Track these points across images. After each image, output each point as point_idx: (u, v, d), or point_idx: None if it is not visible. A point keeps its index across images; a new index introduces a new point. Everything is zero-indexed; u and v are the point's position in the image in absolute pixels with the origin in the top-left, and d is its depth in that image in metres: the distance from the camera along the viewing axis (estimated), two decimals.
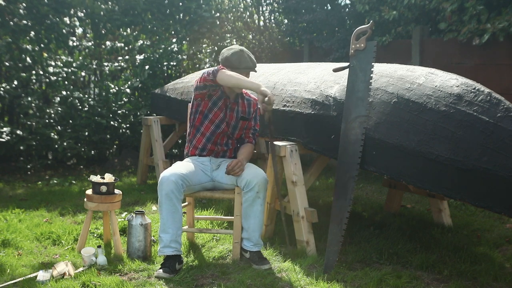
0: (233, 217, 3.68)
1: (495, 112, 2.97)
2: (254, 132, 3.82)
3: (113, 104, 7.29)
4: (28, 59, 6.83)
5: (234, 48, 3.67)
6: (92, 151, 7.28)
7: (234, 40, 7.98)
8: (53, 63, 7.07)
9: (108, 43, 7.62)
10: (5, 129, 6.60)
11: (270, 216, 4.08)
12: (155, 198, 5.29)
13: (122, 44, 7.60)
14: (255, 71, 3.74)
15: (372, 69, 3.45)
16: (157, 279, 3.28)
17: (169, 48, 7.34)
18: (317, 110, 3.73)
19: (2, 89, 6.65)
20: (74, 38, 7.52)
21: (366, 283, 3.18)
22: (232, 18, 8.34)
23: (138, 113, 7.30)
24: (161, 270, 3.33)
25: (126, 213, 4.72)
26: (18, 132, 6.67)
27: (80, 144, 7.16)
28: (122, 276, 3.33)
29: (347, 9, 7.61)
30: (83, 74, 7.49)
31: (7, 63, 6.72)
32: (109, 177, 3.83)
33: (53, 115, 7.05)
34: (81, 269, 3.39)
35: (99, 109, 7.19)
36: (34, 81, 6.98)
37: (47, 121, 6.96)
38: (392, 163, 3.24)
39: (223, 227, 4.33)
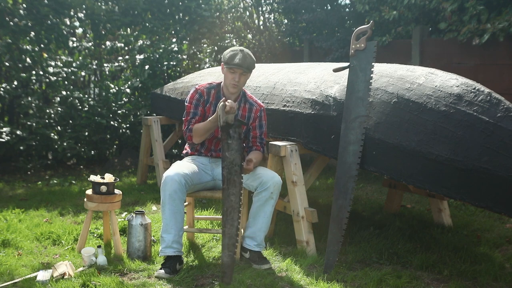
0: None
1: (495, 112, 2.97)
2: (261, 141, 3.73)
3: (113, 104, 7.29)
4: (28, 59, 6.83)
5: (236, 48, 3.65)
6: (92, 151, 7.28)
7: (234, 40, 7.99)
8: (53, 63, 7.07)
9: (108, 43, 7.62)
10: (5, 129, 6.60)
11: None
12: (155, 198, 5.29)
13: (122, 44, 7.60)
14: (247, 72, 3.58)
15: (372, 69, 3.45)
16: (157, 279, 3.28)
17: (169, 48, 7.34)
18: (317, 110, 3.73)
19: (2, 89, 6.65)
20: (74, 39, 7.52)
21: (366, 283, 3.18)
22: (232, 18, 8.34)
23: (138, 113, 7.30)
24: (161, 270, 3.33)
25: (126, 213, 4.72)
26: (18, 132, 6.67)
27: (80, 144, 7.16)
28: (122, 276, 3.33)
29: (347, 9, 7.61)
30: (83, 74, 7.49)
31: (7, 63, 6.72)
32: (109, 177, 3.83)
33: (53, 115, 7.05)
34: (81, 269, 3.39)
35: (99, 109, 7.19)
36: (34, 81, 6.98)
37: (47, 121, 6.96)
38: (392, 163, 3.24)
39: None
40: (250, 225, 3.59)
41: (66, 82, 7.17)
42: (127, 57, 7.64)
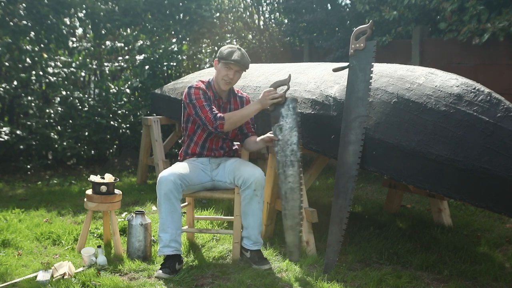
0: (233, 217, 3.68)
1: (495, 112, 2.97)
2: (253, 127, 3.82)
3: (113, 104, 7.29)
4: (28, 59, 6.83)
5: (233, 45, 3.70)
6: (92, 151, 7.29)
7: (234, 40, 7.99)
8: (52, 64, 7.07)
9: (108, 43, 7.62)
10: (5, 128, 6.60)
11: (270, 216, 4.07)
12: (155, 198, 5.25)
13: (122, 44, 7.60)
14: (244, 70, 3.69)
15: (372, 69, 3.45)
16: (157, 279, 3.28)
17: (169, 48, 7.34)
18: (317, 110, 3.73)
19: (2, 89, 6.65)
20: (74, 39, 7.52)
21: (366, 283, 3.18)
22: (232, 18, 8.34)
23: (138, 113, 7.30)
24: (161, 271, 3.33)
25: (126, 213, 4.72)
26: (18, 132, 6.67)
27: (80, 144, 7.16)
28: (122, 276, 3.33)
29: (347, 9, 7.61)
30: (83, 74, 7.50)
31: (7, 63, 6.72)
32: (109, 177, 3.83)
33: (53, 115, 7.05)
34: (81, 269, 3.39)
35: (99, 109, 7.19)
36: (34, 81, 6.98)
37: (47, 121, 6.96)
38: (392, 163, 3.24)
39: (223, 227, 4.33)
40: (243, 225, 3.59)
41: (66, 82, 7.17)
42: (127, 57, 7.64)
